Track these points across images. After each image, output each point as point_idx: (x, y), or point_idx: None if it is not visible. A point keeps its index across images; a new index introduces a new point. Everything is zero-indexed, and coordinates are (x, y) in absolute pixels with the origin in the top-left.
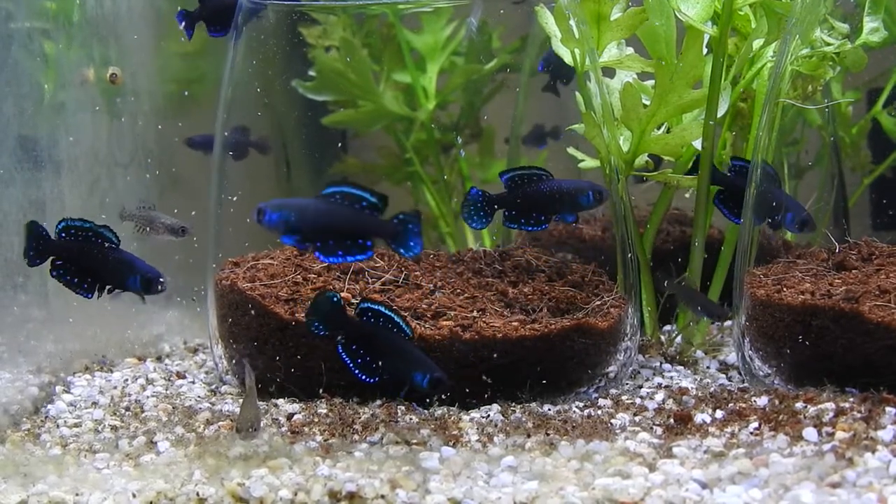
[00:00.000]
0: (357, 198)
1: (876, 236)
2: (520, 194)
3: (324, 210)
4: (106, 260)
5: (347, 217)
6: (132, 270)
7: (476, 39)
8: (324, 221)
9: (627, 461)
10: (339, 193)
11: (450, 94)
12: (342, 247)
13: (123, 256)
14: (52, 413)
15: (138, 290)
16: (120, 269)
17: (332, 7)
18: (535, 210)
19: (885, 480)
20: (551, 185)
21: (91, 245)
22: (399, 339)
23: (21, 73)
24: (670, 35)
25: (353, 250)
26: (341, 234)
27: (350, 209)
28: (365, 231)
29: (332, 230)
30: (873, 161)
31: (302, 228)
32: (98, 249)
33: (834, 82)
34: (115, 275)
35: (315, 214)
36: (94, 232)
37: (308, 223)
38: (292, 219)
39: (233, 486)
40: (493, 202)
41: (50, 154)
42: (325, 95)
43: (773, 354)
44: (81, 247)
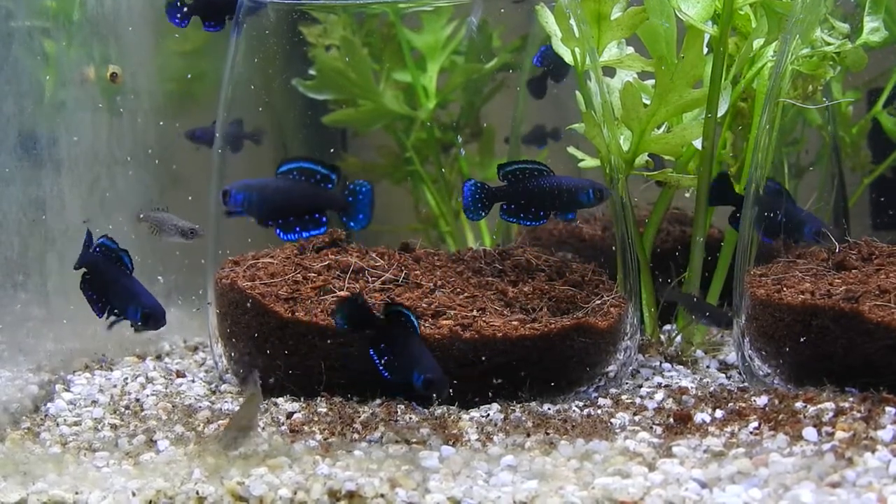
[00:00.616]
0: (311, 172)
1: (876, 236)
2: (520, 188)
3: (283, 187)
4: (114, 284)
5: (303, 192)
6: (135, 302)
7: (476, 39)
8: (282, 198)
9: (627, 460)
10: (296, 169)
11: (450, 93)
12: (300, 223)
13: (128, 285)
14: (52, 411)
15: (137, 323)
16: (125, 298)
17: (332, 6)
18: (533, 205)
19: (884, 480)
20: (552, 181)
21: (111, 267)
22: (416, 338)
23: (21, 71)
24: (671, 34)
25: (309, 226)
26: (299, 210)
27: (305, 184)
28: (319, 205)
29: (290, 207)
30: (873, 161)
31: (264, 207)
32: (114, 272)
33: (834, 82)
34: (119, 301)
35: (275, 192)
36: (116, 255)
37: (269, 201)
38: (255, 198)
39: (232, 485)
40: (491, 194)
41: (50, 153)
42: (326, 94)
43: (773, 354)
44: (106, 267)
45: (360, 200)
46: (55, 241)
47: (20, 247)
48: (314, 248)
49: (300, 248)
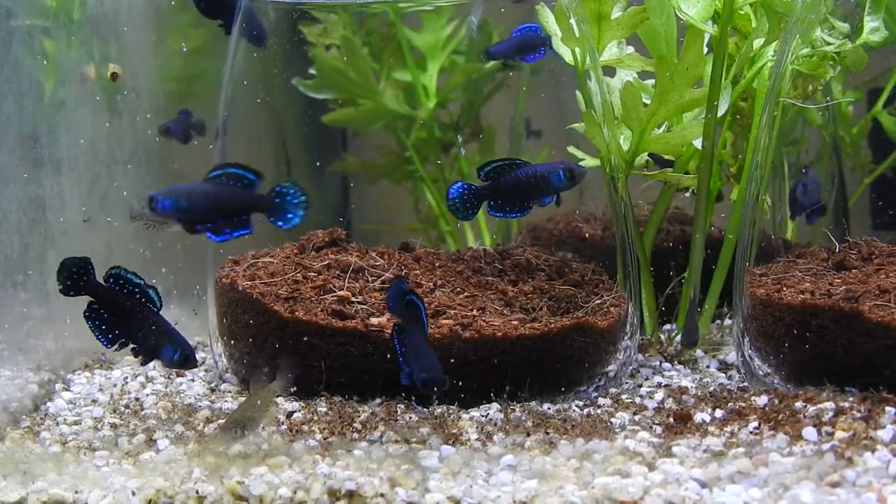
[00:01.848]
0: (238, 176)
1: (876, 236)
2: (500, 183)
3: (211, 191)
4: (146, 323)
5: (231, 196)
6: (169, 342)
7: (476, 38)
8: (211, 202)
9: (627, 460)
10: (223, 175)
11: (450, 92)
12: (229, 225)
13: (163, 324)
14: (52, 411)
15: (174, 363)
16: (157, 338)
17: (332, 5)
18: (516, 196)
19: (884, 480)
20: (526, 170)
21: (134, 303)
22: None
23: (21, 70)
24: (671, 34)
25: (238, 227)
26: (227, 212)
27: (231, 187)
28: (247, 207)
29: (219, 210)
30: (873, 161)
31: (192, 211)
32: (140, 309)
33: (834, 82)
34: (151, 342)
35: (203, 196)
36: (140, 290)
37: (197, 206)
38: (183, 203)
39: (232, 485)
40: (477, 193)
41: (50, 151)
42: (326, 94)
43: (773, 354)
44: (125, 301)
45: (288, 201)
46: (55, 239)
47: (20, 246)
48: (314, 247)
49: (300, 248)
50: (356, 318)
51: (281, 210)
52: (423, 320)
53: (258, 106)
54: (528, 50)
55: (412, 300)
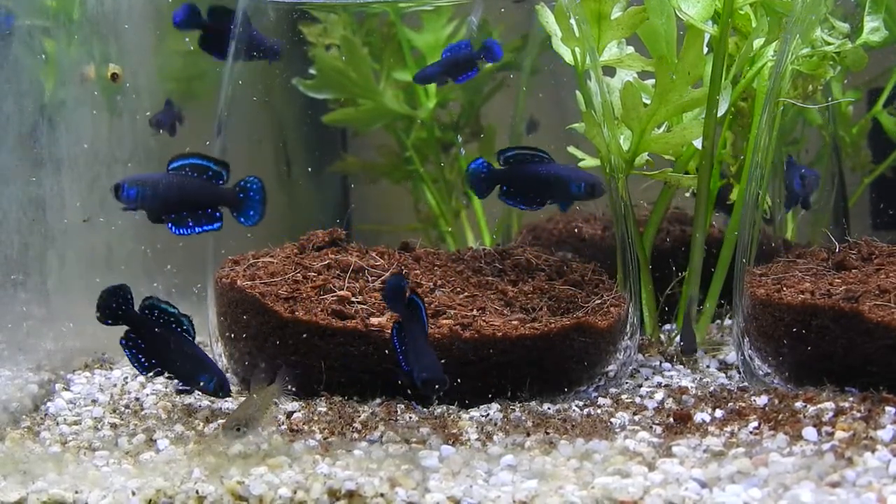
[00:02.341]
0: (203, 168)
1: (876, 236)
2: (520, 172)
3: (175, 183)
4: (181, 352)
5: (195, 188)
6: (205, 370)
7: (476, 38)
8: (175, 194)
9: (627, 460)
10: (188, 165)
11: (450, 92)
12: (193, 218)
13: (198, 352)
14: (52, 411)
15: (209, 391)
16: (192, 366)
17: (332, 5)
18: (531, 190)
19: (884, 480)
20: (548, 167)
21: (170, 332)
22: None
23: (21, 70)
24: (671, 34)
25: (203, 221)
26: (191, 205)
27: (197, 180)
28: (211, 201)
29: (182, 202)
30: (873, 161)
31: (157, 201)
32: (175, 339)
33: (834, 82)
34: (186, 370)
35: (167, 187)
36: (175, 319)
37: (161, 196)
38: (147, 193)
39: (232, 485)
40: (494, 174)
41: (50, 151)
42: (326, 94)
43: (773, 354)
44: (161, 331)
45: (251, 197)
46: (55, 239)
47: (20, 245)
48: (314, 247)
49: (300, 248)
50: (356, 318)
51: (243, 206)
52: (423, 320)
53: (258, 106)
54: (458, 70)
55: (413, 299)
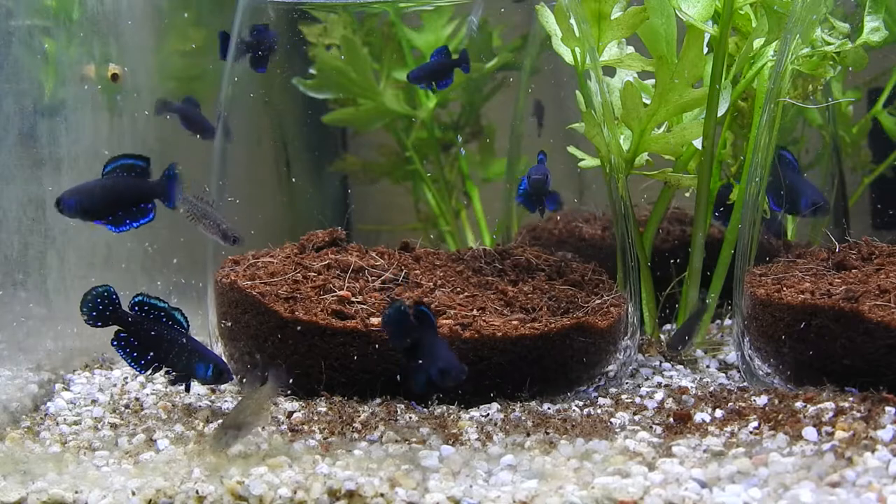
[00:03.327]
0: (131, 166)
1: (876, 236)
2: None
3: (107, 185)
4: (175, 345)
5: (127, 187)
6: (202, 359)
7: (477, 38)
8: (110, 197)
9: (627, 460)
10: (119, 167)
11: (450, 92)
12: (129, 215)
13: (193, 343)
14: (52, 410)
15: (208, 379)
16: (190, 357)
17: (332, 5)
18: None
19: (884, 480)
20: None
21: (161, 327)
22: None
23: (21, 70)
24: (671, 34)
25: (138, 216)
26: (125, 203)
27: (126, 178)
28: (142, 195)
29: (118, 203)
30: (873, 160)
31: (94, 207)
32: (168, 333)
33: (834, 82)
34: (183, 362)
35: (101, 191)
36: (166, 313)
37: (98, 201)
38: (84, 201)
39: (232, 485)
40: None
41: (50, 151)
42: (326, 94)
43: (773, 354)
44: (151, 326)
45: (170, 184)
46: (55, 239)
47: (20, 245)
48: (314, 247)
49: (300, 248)
50: (356, 318)
51: (167, 191)
52: (433, 325)
53: (258, 106)
54: (437, 76)
55: (422, 311)
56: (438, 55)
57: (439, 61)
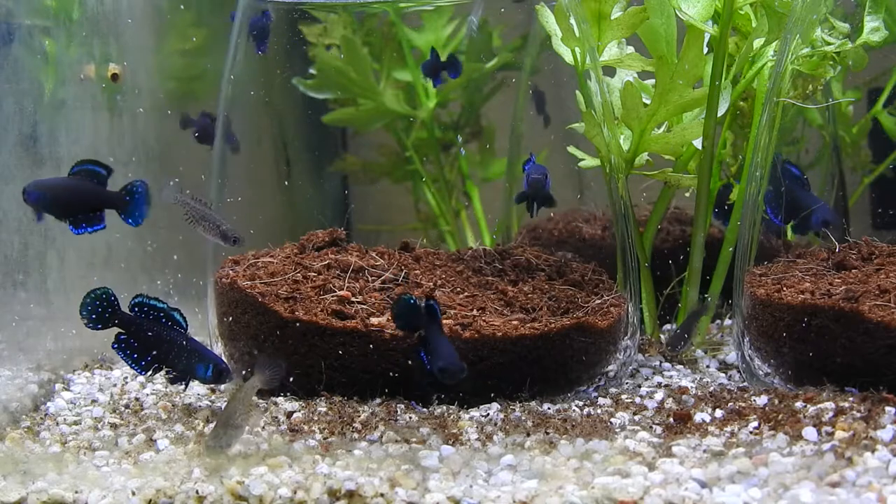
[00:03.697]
0: (93, 172)
1: (876, 236)
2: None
3: (71, 186)
4: (175, 346)
5: (88, 192)
6: (201, 359)
7: (477, 38)
8: (70, 197)
9: (627, 460)
10: (82, 171)
11: (450, 92)
12: (86, 219)
13: (192, 344)
14: (52, 410)
15: (208, 379)
16: (188, 357)
17: (332, 5)
18: None
19: (884, 480)
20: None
21: (161, 328)
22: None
23: (21, 70)
24: (671, 34)
25: (93, 221)
26: (85, 207)
27: (90, 183)
28: (100, 203)
29: (77, 205)
30: (874, 160)
31: (56, 204)
32: (168, 333)
33: (834, 82)
34: (183, 362)
35: (64, 191)
36: (165, 314)
37: (60, 199)
38: (47, 196)
39: (232, 485)
40: None
41: (50, 151)
42: (326, 94)
43: (773, 354)
44: (150, 327)
45: (136, 199)
46: (55, 239)
47: (20, 246)
48: (314, 247)
49: (300, 248)
50: (356, 318)
51: (128, 207)
52: (439, 320)
53: (258, 106)
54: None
55: (431, 305)
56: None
57: (429, 63)
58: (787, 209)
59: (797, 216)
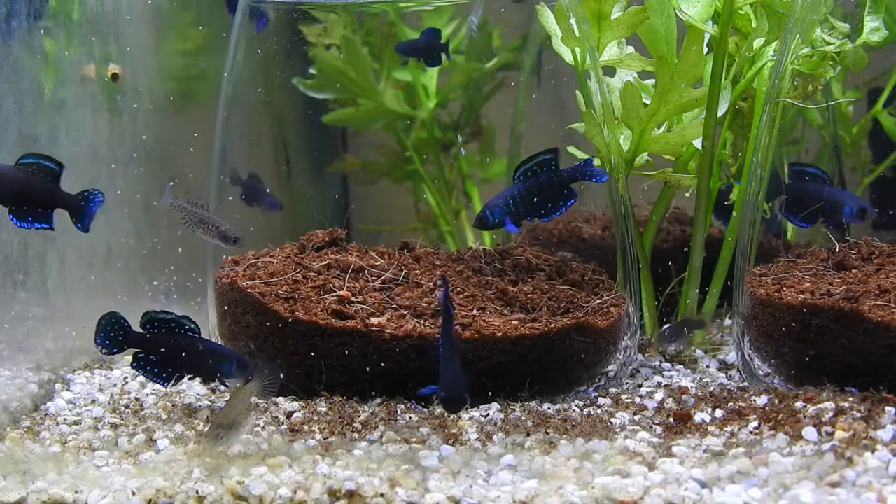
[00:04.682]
0: (46, 168)
1: (876, 236)
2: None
3: (22, 177)
4: (194, 351)
5: (38, 186)
6: (223, 358)
7: (477, 38)
8: (17, 187)
9: (627, 460)
10: (35, 165)
11: (450, 92)
12: (32, 213)
13: (210, 345)
14: (52, 410)
15: (233, 375)
16: (210, 359)
17: (332, 5)
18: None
19: (884, 480)
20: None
21: (175, 338)
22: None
23: (21, 70)
24: (671, 34)
25: (41, 219)
26: (32, 201)
27: (43, 179)
28: (52, 200)
29: (23, 196)
30: (873, 161)
31: (2, 190)
32: (184, 341)
33: (834, 82)
34: (205, 364)
35: (13, 180)
36: (176, 323)
37: (7, 187)
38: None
39: (232, 485)
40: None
41: (50, 151)
42: (326, 94)
43: (773, 354)
44: (166, 340)
45: (90, 208)
46: (55, 239)
47: (20, 246)
48: (314, 247)
49: (300, 248)
50: (356, 318)
51: (81, 213)
52: (450, 331)
53: (258, 106)
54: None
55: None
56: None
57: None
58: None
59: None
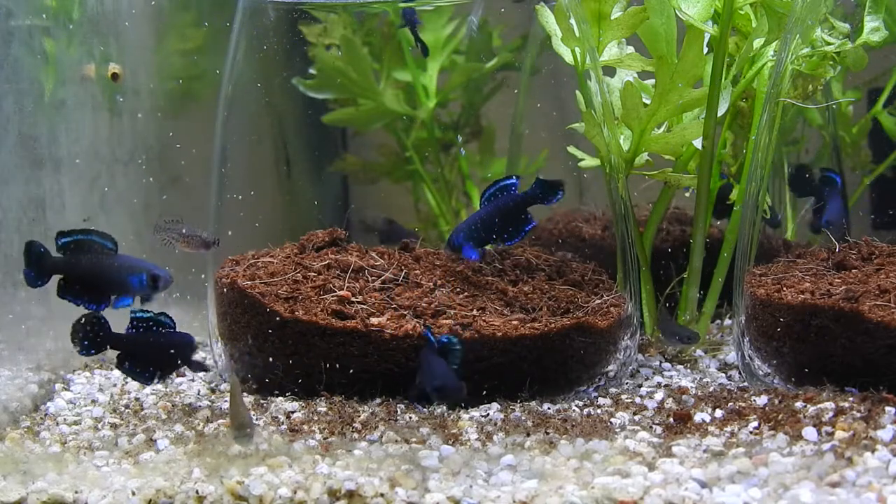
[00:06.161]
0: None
1: (876, 236)
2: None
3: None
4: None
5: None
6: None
7: (477, 38)
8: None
9: (627, 460)
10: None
11: (450, 92)
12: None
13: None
14: (52, 410)
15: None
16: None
17: (332, 5)
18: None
19: (884, 480)
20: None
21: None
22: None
23: (21, 70)
24: (671, 34)
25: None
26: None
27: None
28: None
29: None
30: (873, 161)
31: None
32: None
33: (834, 82)
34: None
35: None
36: (154, 322)
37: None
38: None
39: (232, 485)
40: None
41: (50, 151)
42: (326, 94)
43: (773, 354)
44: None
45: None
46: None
47: (20, 245)
48: (314, 247)
49: (300, 248)
50: (356, 318)
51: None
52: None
53: (258, 106)
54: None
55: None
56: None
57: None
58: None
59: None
